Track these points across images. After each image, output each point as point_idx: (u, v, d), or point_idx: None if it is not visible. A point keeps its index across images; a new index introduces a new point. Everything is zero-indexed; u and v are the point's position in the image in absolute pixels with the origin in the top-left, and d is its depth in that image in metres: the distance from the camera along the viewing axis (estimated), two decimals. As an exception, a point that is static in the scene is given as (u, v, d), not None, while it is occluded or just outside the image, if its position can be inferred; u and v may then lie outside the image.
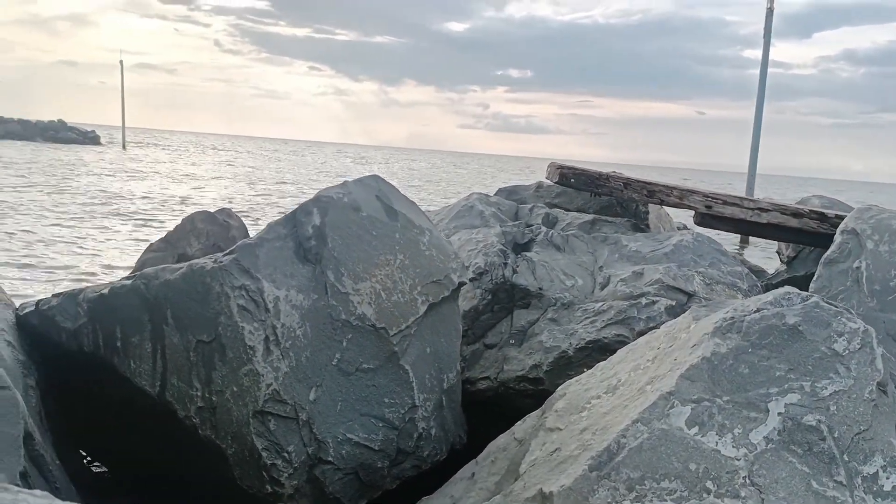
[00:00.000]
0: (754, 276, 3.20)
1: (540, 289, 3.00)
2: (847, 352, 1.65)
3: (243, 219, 5.11)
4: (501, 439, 2.21)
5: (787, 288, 1.80)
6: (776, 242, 4.73)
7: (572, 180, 3.54)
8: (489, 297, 3.01)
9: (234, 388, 2.16)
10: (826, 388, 1.61)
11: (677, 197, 3.53)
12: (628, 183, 3.54)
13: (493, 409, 2.86)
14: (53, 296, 2.45)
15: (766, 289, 3.05)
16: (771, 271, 4.74)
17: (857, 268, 2.35)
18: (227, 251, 2.20)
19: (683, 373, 1.73)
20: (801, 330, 1.69)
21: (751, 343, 1.72)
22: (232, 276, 2.15)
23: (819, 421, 1.58)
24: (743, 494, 1.55)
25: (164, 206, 14.24)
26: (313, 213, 2.32)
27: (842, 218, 2.95)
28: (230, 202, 15.14)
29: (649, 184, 3.56)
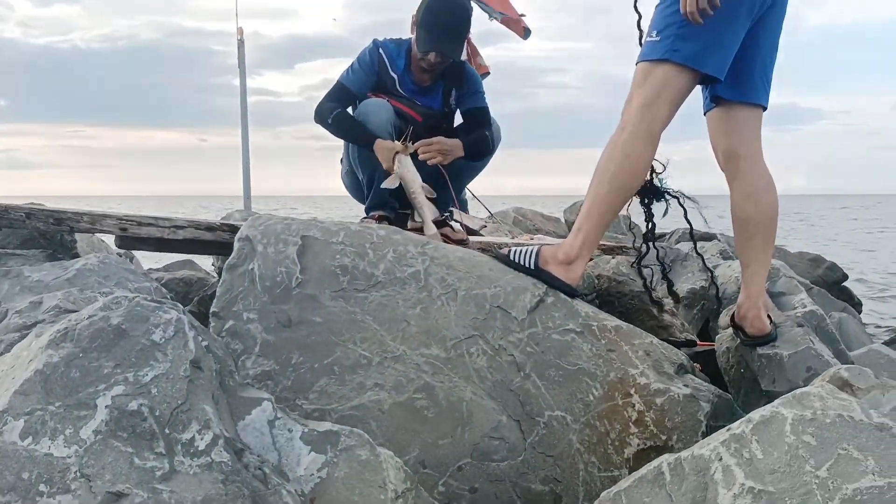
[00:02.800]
0: (164, 290, 3.42)
1: (-82, 336, 2.71)
2: (163, 340, 1.90)
3: None
4: None
5: (119, 293, 2.00)
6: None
7: (-39, 216, 3.27)
8: None
9: None
10: (147, 375, 1.84)
11: (88, 222, 3.54)
12: (31, 213, 3.42)
13: None
14: None
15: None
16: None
17: (252, 269, 2.66)
18: None
19: (17, 388, 1.78)
20: (125, 328, 1.89)
21: (82, 348, 1.86)
22: None
23: (141, 405, 1.80)
24: (73, 487, 1.67)
25: None
26: None
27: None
28: None
29: (56, 212, 3.50)
